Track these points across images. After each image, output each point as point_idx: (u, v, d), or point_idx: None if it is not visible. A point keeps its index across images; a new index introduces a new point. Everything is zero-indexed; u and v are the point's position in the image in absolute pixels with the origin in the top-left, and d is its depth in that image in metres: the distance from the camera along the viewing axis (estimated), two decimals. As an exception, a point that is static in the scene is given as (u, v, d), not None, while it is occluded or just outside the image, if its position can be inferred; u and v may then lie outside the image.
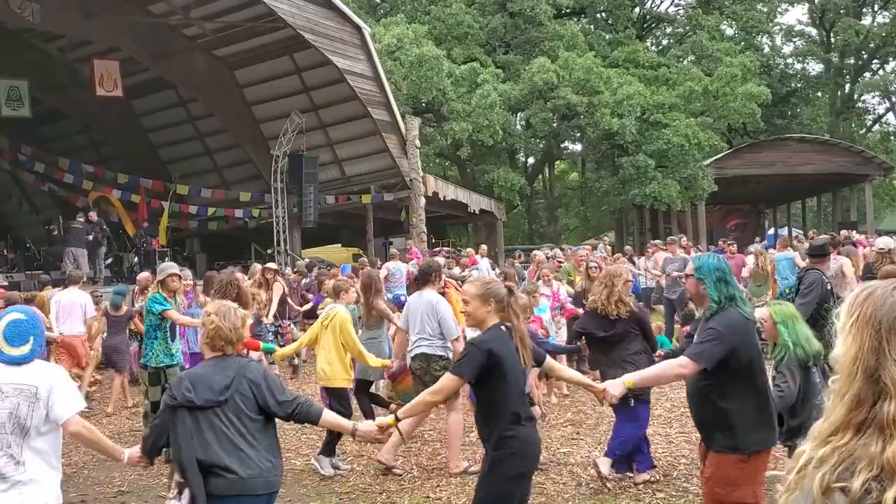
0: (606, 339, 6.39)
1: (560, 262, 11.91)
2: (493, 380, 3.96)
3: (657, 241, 18.91)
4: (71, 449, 7.45)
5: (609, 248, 19.33)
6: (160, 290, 7.65)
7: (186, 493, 3.54)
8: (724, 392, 4.01)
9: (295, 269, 15.54)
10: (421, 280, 7.43)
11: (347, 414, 6.53)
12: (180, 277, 7.91)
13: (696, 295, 4.33)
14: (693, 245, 20.34)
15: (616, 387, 4.14)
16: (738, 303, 4.09)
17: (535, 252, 15.10)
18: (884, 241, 11.68)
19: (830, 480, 1.50)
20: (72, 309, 10.23)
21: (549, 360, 4.47)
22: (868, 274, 10.10)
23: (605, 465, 6.11)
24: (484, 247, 19.33)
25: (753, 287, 13.22)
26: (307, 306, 13.38)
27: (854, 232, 23.60)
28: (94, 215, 18.74)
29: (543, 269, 10.44)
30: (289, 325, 12.49)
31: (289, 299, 12.71)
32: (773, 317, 4.90)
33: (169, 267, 7.93)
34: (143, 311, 8.70)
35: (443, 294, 11.19)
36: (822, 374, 4.87)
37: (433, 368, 6.73)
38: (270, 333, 10.87)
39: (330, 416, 4.07)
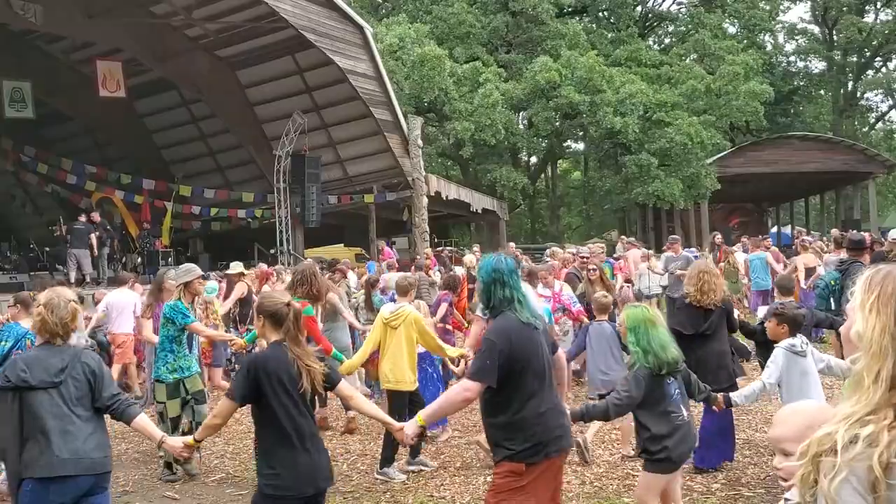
0: (698, 334, 6.33)
1: (584, 257, 11.66)
2: (262, 400, 3.77)
3: (631, 239, 18.87)
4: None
5: (629, 244, 19.07)
6: (183, 296, 6.93)
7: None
8: (508, 402, 3.80)
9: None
10: None
11: (402, 418, 6.54)
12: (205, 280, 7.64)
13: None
14: (677, 243, 20.10)
15: (411, 427, 4.01)
16: (515, 306, 3.84)
17: (554, 249, 14.85)
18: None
19: (890, 458, 1.49)
20: (123, 308, 10.61)
21: (342, 386, 4.07)
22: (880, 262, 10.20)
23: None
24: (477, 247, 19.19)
25: (728, 285, 13.31)
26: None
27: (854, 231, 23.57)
28: (96, 216, 18.75)
29: (540, 271, 9.85)
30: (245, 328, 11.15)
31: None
32: (626, 322, 4.60)
33: (193, 269, 7.18)
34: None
35: (471, 291, 11.22)
36: (684, 382, 4.56)
37: None
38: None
39: (143, 421, 4.02)
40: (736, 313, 6.79)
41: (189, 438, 4.13)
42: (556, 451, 3.87)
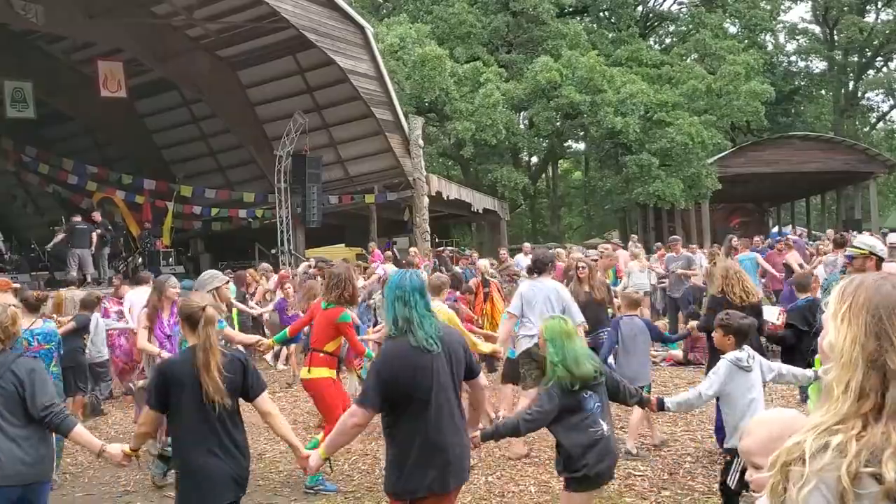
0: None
1: (594, 260, 11.63)
2: (171, 406, 3.76)
3: (616, 240, 18.75)
4: (77, 449, 7.47)
5: (614, 245, 19.05)
6: None
7: None
8: (392, 430, 3.73)
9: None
10: (537, 269, 7.59)
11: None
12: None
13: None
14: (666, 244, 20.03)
15: (314, 458, 3.98)
16: (412, 328, 3.69)
17: (559, 251, 14.85)
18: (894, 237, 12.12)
19: (858, 468, 1.48)
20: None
21: (260, 400, 4.01)
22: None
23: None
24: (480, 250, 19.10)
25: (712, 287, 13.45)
26: (269, 307, 12.71)
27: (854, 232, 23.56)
28: (97, 215, 18.75)
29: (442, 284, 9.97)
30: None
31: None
32: (543, 333, 4.46)
33: (217, 275, 7.12)
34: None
35: (486, 294, 11.20)
36: (610, 392, 4.49)
37: None
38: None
39: (80, 432, 3.96)
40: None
41: (127, 447, 4.02)
42: (447, 486, 3.70)
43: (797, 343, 6.77)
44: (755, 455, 1.89)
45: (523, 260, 15.72)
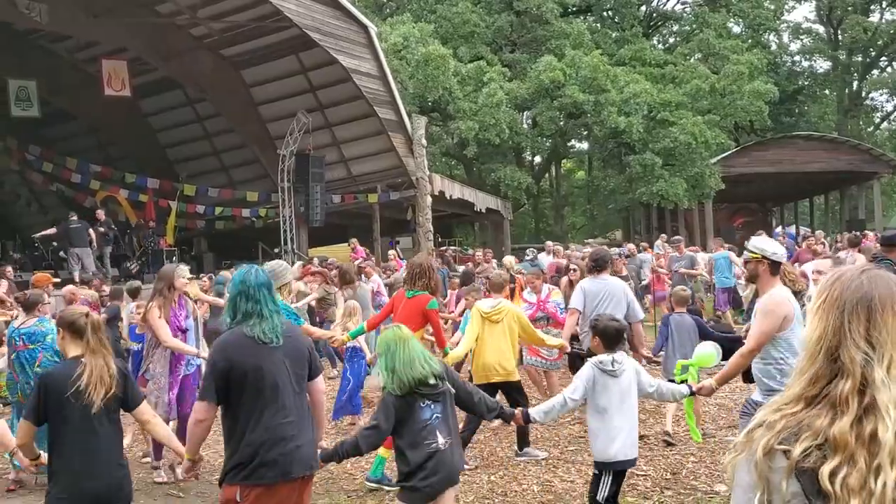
0: None
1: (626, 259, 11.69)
2: (51, 417, 3.69)
3: (595, 240, 18.59)
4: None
5: (667, 244, 18.90)
6: (283, 298, 6.44)
7: None
8: (229, 422, 3.72)
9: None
10: (597, 267, 7.79)
11: (525, 403, 6.69)
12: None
13: None
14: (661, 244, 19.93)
15: (185, 464, 4.02)
16: (252, 321, 3.70)
17: (557, 248, 14.90)
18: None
19: (773, 443, 1.55)
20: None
21: (141, 409, 3.95)
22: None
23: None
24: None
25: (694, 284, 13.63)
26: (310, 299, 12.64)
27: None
28: (101, 213, 18.77)
29: (527, 276, 9.85)
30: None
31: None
32: (378, 346, 4.37)
33: (286, 267, 6.73)
34: None
35: (512, 291, 11.27)
36: (461, 403, 4.39)
37: None
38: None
39: None
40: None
41: (41, 456, 3.96)
42: (277, 477, 3.64)
43: None
44: None
45: (545, 259, 15.71)
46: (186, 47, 21.26)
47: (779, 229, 35.50)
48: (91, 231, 17.72)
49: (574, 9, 37.11)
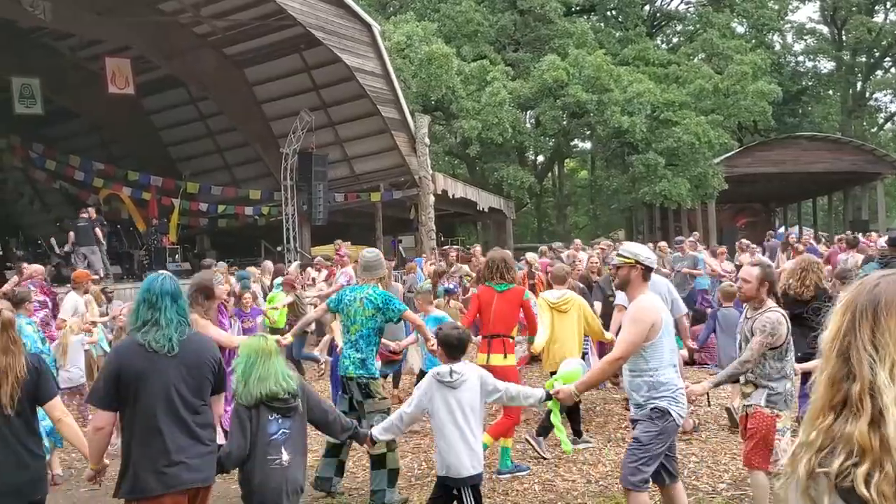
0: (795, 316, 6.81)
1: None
2: None
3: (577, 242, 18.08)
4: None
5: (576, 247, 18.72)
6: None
7: None
8: (129, 429, 3.67)
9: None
10: None
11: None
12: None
13: None
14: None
15: (88, 475, 3.97)
16: (149, 328, 3.67)
17: (549, 246, 14.85)
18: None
19: (815, 465, 1.54)
20: None
21: (52, 404, 3.85)
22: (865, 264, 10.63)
23: None
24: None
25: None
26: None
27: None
28: (92, 212, 18.76)
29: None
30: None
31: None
32: (239, 352, 4.27)
33: (380, 261, 6.42)
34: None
35: (532, 287, 11.29)
36: (315, 422, 4.30)
37: None
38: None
39: None
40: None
41: None
42: (161, 489, 3.59)
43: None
44: None
45: (534, 258, 15.70)
46: (189, 45, 21.27)
47: (781, 230, 35.47)
48: (98, 230, 17.75)
49: (578, 8, 37.09)
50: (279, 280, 13.17)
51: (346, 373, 5.99)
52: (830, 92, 43.66)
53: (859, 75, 42.21)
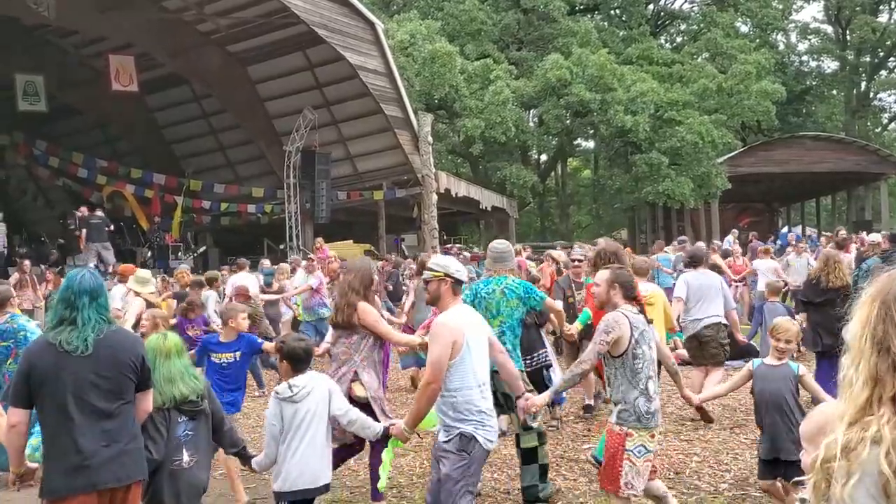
0: (818, 303, 7.99)
1: (578, 260, 11.46)
2: None
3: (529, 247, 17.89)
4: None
5: (736, 241, 18.63)
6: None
7: None
8: (43, 428, 3.63)
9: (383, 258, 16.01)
10: (694, 262, 8.63)
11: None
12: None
13: None
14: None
15: (10, 479, 3.87)
16: (65, 327, 3.61)
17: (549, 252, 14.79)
18: (873, 236, 14.14)
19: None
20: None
21: None
22: (860, 263, 11.07)
23: None
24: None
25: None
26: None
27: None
28: (84, 210, 18.83)
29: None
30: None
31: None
32: (146, 349, 4.13)
33: (509, 253, 6.27)
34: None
35: (537, 281, 11.27)
36: (211, 429, 4.16)
37: (720, 337, 8.12)
38: None
39: None
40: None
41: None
42: (74, 489, 3.53)
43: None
44: (804, 440, 1.92)
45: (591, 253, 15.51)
46: (193, 43, 21.28)
47: (784, 230, 35.44)
48: (110, 227, 18.02)
49: (581, 7, 37.06)
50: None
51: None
52: (834, 92, 43.57)
53: (863, 75, 42.13)
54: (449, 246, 23.93)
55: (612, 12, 39.16)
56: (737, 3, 36.58)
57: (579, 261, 8.95)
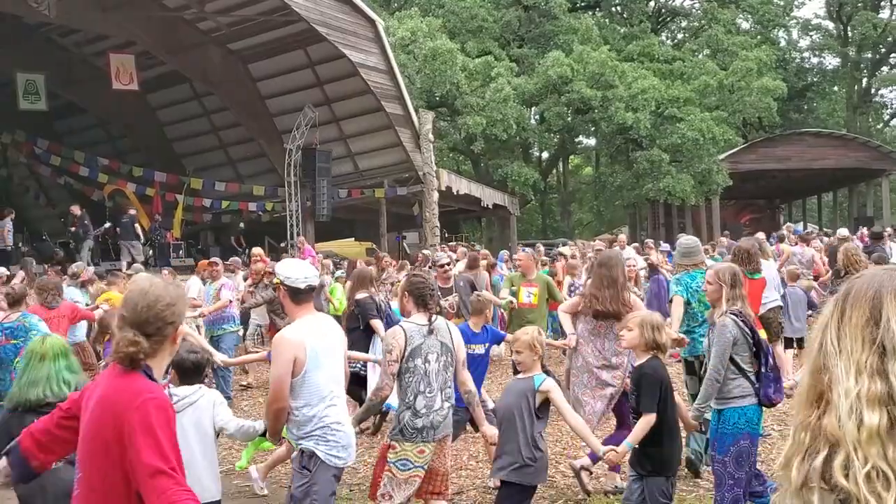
0: None
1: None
2: None
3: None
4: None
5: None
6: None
7: None
8: None
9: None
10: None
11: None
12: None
13: None
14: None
15: None
16: None
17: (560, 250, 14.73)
18: (842, 231, 14.75)
19: (808, 468, 1.49)
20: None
21: None
22: (833, 259, 11.32)
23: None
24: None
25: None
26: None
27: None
28: (76, 209, 18.90)
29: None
30: None
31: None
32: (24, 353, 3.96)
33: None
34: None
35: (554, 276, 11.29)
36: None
37: (778, 318, 8.46)
38: None
39: None
40: None
41: None
42: None
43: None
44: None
45: (628, 251, 15.21)
46: (194, 41, 21.29)
47: (786, 226, 35.43)
48: (137, 226, 18.61)
49: (582, 4, 37.03)
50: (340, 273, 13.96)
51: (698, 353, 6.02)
52: (836, 88, 43.52)
53: (865, 71, 42.09)
54: (451, 244, 23.93)
55: (613, 9, 39.12)
56: (738, -1, 36.59)
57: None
